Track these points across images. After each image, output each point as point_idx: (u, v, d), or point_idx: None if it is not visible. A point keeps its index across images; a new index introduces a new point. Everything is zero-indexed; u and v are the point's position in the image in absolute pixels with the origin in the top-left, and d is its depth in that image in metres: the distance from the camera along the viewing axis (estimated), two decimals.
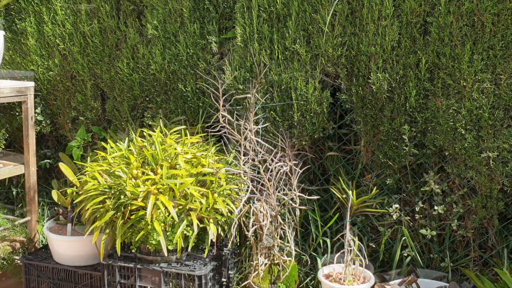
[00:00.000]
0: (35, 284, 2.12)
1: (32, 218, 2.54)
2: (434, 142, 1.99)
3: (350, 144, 2.30)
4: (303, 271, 2.18)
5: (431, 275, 1.99)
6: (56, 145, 2.97)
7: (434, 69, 1.97)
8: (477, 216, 1.99)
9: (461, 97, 1.92)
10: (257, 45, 2.18)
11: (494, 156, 1.89)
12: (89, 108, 2.69)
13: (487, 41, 1.85)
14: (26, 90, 2.47)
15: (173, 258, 1.90)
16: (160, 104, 2.48)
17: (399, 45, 2.00)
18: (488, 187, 1.93)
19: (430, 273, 2.00)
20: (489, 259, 2.05)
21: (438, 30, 1.92)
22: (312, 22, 2.11)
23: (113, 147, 2.08)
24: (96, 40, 2.59)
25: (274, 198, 1.84)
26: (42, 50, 2.76)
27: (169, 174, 1.85)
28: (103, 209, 1.86)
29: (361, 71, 2.07)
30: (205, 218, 1.84)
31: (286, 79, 2.15)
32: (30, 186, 2.50)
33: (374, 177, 2.20)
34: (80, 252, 2.06)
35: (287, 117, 2.18)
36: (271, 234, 1.87)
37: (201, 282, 1.80)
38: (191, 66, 2.37)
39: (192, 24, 2.35)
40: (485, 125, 1.89)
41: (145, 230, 1.77)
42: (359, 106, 2.11)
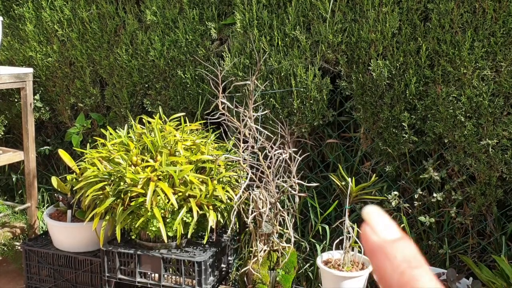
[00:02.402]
0: (35, 270, 2.13)
1: (32, 205, 2.54)
2: (434, 129, 1.99)
3: (349, 132, 2.30)
4: (302, 258, 2.20)
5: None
6: (55, 132, 2.97)
7: (434, 56, 1.96)
8: (476, 204, 2.00)
9: (461, 84, 1.92)
10: (257, 32, 2.17)
11: (493, 144, 1.89)
12: (88, 94, 2.69)
13: (488, 28, 1.84)
14: (25, 77, 2.46)
15: (173, 245, 1.91)
16: (159, 90, 2.48)
17: (400, 32, 1.98)
18: (487, 174, 1.94)
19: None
20: (487, 246, 2.06)
21: (439, 16, 1.91)
22: (312, 8, 2.09)
23: (113, 134, 2.08)
24: (94, 26, 2.58)
25: (274, 185, 1.84)
26: (40, 36, 2.74)
27: (168, 161, 1.85)
28: (102, 195, 1.87)
29: (361, 58, 2.06)
30: (204, 205, 1.85)
31: (286, 66, 2.14)
32: (29, 172, 2.51)
33: (374, 164, 2.21)
34: (80, 239, 2.07)
35: (286, 104, 2.18)
36: (270, 221, 1.88)
37: (201, 268, 1.81)
38: (190, 53, 2.36)
39: (191, 10, 2.33)
40: (485, 113, 1.89)
41: (145, 216, 1.78)
42: (359, 93, 2.10)
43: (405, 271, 0.22)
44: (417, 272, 0.22)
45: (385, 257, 0.22)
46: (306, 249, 2.20)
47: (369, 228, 0.23)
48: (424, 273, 0.22)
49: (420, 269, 0.22)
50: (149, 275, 1.89)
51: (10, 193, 3.08)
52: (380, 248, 0.22)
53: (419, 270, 0.22)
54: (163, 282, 1.86)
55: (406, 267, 0.22)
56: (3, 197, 2.99)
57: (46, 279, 2.12)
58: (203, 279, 1.82)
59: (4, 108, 2.97)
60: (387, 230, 0.23)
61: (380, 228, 0.23)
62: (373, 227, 0.23)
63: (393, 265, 0.22)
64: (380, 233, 0.23)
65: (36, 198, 2.57)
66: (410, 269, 0.22)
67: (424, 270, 0.22)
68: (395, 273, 0.22)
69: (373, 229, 0.23)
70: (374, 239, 0.23)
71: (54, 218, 2.13)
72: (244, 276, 1.91)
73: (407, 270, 0.22)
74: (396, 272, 0.22)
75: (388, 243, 0.22)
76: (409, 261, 0.22)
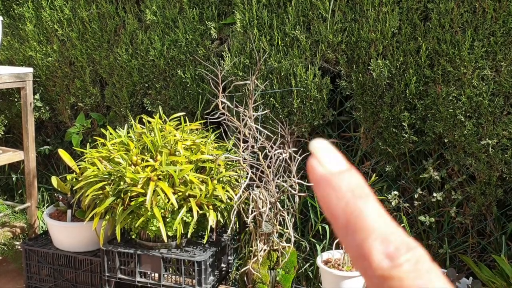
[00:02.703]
0: (35, 269, 2.13)
1: (32, 204, 2.55)
2: (434, 129, 1.99)
3: (349, 131, 2.30)
4: (302, 257, 2.20)
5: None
6: (55, 132, 2.97)
7: (434, 56, 1.96)
8: (476, 203, 2.00)
9: (461, 84, 1.92)
10: (257, 31, 2.17)
11: (493, 144, 1.89)
12: (88, 94, 2.69)
13: (488, 27, 1.84)
14: (25, 76, 2.46)
15: (173, 244, 1.91)
16: (159, 90, 2.48)
17: (400, 32, 1.98)
18: (487, 174, 1.94)
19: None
20: (487, 246, 2.06)
21: (439, 16, 1.91)
22: (312, 8, 2.09)
23: (113, 134, 2.08)
24: (94, 26, 2.58)
25: (274, 185, 1.84)
26: (40, 35, 2.74)
27: (168, 161, 1.85)
28: (102, 195, 1.87)
29: (361, 58, 2.06)
30: (204, 205, 1.85)
31: (286, 65, 2.14)
32: (29, 172, 2.51)
33: (374, 164, 2.21)
34: (80, 238, 2.07)
35: (286, 104, 2.18)
36: (270, 220, 1.88)
37: (201, 267, 1.81)
38: (190, 52, 2.36)
39: (191, 9, 2.33)
40: (485, 112, 1.88)
41: (145, 216, 1.78)
42: (359, 93, 2.10)
43: (349, 201, 0.22)
44: (362, 201, 0.22)
45: (330, 188, 0.22)
46: (306, 249, 2.20)
47: (315, 160, 0.23)
48: (368, 202, 0.22)
49: (364, 199, 0.22)
50: (149, 275, 1.89)
51: (10, 193, 3.08)
52: (325, 179, 0.22)
53: (363, 200, 0.22)
54: (163, 282, 1.86)
55: (350, 197, 0.22)
56: (3, 196, 2.99)
57: (46, 278, 2.12)
58: (203, 278, 1.82)
59: (4, 108, 2.97)
60: (333, 162, 0.23)
61: (326, 160, 0.23)
62: (319, 159, 0.23)
63: (337, 195, 0.22)
64: (326, 164, 0.23)
65: (36, 197, 2.57)
66: (354, 199, 0.22)
67: (369, 200, 0.22)
68: (340, 203, 0.22)
69: (320, 161, 0.23)
70: (319, 171, 0.22)
71: (54, 218, 2.13)
72: (244, 275, 1.91)
73: (352, 200, 0.22)
74: (340, 202, 0.22)
75: (334, 174, 0.22)
76: (354, 190, 0.22)
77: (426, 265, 0.21)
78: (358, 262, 0.21)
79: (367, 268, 0.21)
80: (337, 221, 0.22)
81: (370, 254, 0.21)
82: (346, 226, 0.22)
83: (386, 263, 0.20)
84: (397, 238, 0.21)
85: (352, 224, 0.21)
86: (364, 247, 0.21)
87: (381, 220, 0.21)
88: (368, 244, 0.21)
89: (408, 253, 0.21)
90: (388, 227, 0.21)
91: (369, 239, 0.21)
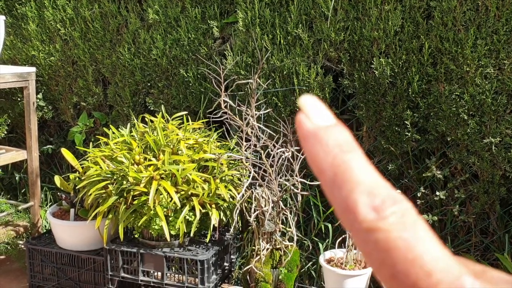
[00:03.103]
0: (39, 268, 2.14)
1: (35, 203, 2.55)
2: (437, 127, 1.99)
3: (352, 130, 2.30)
4: (304, 256, 2.20)
5: None
6: (58, 131, 2.97)
7: (437, 54, 1.96)
8: (479, 202, 2.00)
9: (464, 82, 1.91)
10: (259, 30, 2.17)
11: (496, 142, 1.88)
12: (91, 93, 2.69)
13: (491, 25, 1.83)
14: (28, 76, 2.46)
15: (176, 243, 1.91)
16: (161, 89, 2.48)
17: (402, 30, 1.98)
18: (490, 172, 1.93)
19: None
20: (490, 244, 2.06)
21: (442, 14, 1.90)
22: (314, 7, 2.09)
23: (115, 133, 2.08)
24: (97, 25, 2.58)
25: (276, 184, 1.84)
26: (43, 35, 2.75)
27: (171, 160, 1.85)
28: (105, 194, 1.87)
29: (364, 56, 2.05)
30: (207, 204, 1.85)
31: (288, 64, 2.14)
32: (32, 171, 2.51)
33: (376, 162, 2.20)
34: (83, 237, 2.07)
35: (289, 102, 2.18)
36: (273, 219, 1.88)
37: (204, 266, 1.82)
38: (193, 51, 2.36)
39: (193, 8, 2.33)
40: (488, 111, 1.88)
41: (147, 215, 1.78)
42: (361, 92, 2.10)
43: (336, 155, 0.21)
44: (349, 156, 0.21)
45: (317, 143, 0.22)
46: (309, 248, 2.20)
47: (303, 115, 0.23)
48: (356, 157, 0.22)
49: (352, 153, 0.22)
50: (152, 274, 1.89)
51: (13, 192, 3.09)
52: (313, 134, 0.22)
53: (351, 154, 0.22)
54: (166, 281, 1.86)
55: (337, 151, 0.22)
56: (6, 196, 3.00)
57: (49, 277, 2.12)
58: (206, 277, 1.83)
59: (7, 107, 2.97)
60: (321, 117, 0.23)
61: (314, 115, 0.23)
62: (307, 114, 0.23)
63: (324, 150, 0.22)
64: (314, 119, 0.23)
65: (39, 197, 2.58)
66: (341, 153, 0.22)
67: (356, 154, 0.22)
68: (327, 158, 0.22)
69: (308, 116, 0.23)
70: (307, 125, 0.22)
71: (57, 217, 2.14)
72: (247, 274, 1.91)
73: (339, 154, 0.22)
74: (328, 156, 0.22)
75: (321, 128, 0.22)
76: (341, 145, 0.22)
77: (412, 217, 0.21)
78: (344, 216, 0.21)
79: (353, 221, 0.21)
80: (324, 175, 0.22)
81: (356, 206, 0.21)
82: (332, 180, 0.21)
83: (372, 216, 0.20)
84: (383, 191, 0.21)
85: (339, 178, 0.21)
86: (350, 200, 0.21)
87: (368, 173, 0.21)
88: (354, 197, 0.21)
89: (395, 206, 0.21)
90: (375, 181, 0.21)
91: (355, 192, 0.21)
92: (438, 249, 0.20)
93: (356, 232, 0.21)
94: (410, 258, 0.20)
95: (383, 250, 0.20)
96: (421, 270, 0.20)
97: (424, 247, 0.20)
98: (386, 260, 0.20)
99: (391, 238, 0.20)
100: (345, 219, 0.21)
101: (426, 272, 0.19)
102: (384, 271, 0.20)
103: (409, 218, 0.21)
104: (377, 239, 0.20)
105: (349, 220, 0.21)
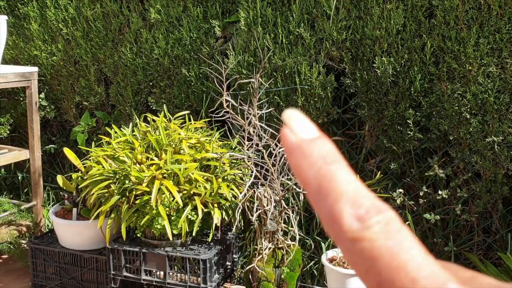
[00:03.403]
0: (41, 267, 2.14)
1: (37, 203, 2.56)
2: (439, 126, 1.99)
3: (354, 129, 2.29)
4: (307, 255, 2.20)
5: None
6: (60, 131, 2.98)
7: (439, 53, 1.95)
8: (481, 201, 1.99)
9: (466, 81, 1.91)
10: (261, 29, 2.17)
11: (499, 141, 1.88)
12: (93, 93, 2.69)
13: (494, 24, 1.83)
14: (30, 75, 2.47)
15: (178, 242, 1.91)
16: (163, 89, 2.48)
17: (404, 29, 1.98)
18: (492, 171, 1.93)
19: None
20: (492, 244, 2.05)
21: (444, 13, 1.90)
22: (316, 6, 2.09)
23: (117, 132, 2.09)
24: (99, 25, 2.58)
25: (278, 183, 1.84)
26: (45, 34, 2.75)
27: (173, 159, 1.85)
28: (108, 194, 1.87)
29: (366, 55, 2.05)
30: (209, 203, 1.85)
31: (290, 63, 2.13)
32: (35, 171, 2.52)
33: (378, 161, 2.20)
34: (86, 237, 2.07)
35: (291, 102, 2.17)
36: (275, 218, 1.88)
37: (206, 265, 1.82)
38: (194, 51, 2.36)
39: (195, 8, 2.33)
40: (490, 110, 1.88)
41: (150, 214, 1.79)
42: (363, 91, 2.10)
43: (321, 167, 0.22)
44: (333, 167, 0.22)
45: (301, 155, 0.22)
46: (311, 247, 2.20)
47: (287, 129, 0.23)
48: (340, 168, 0.22)
49: (336, 164, 0.22)
50: (154, 273, 1.89)
51: (16, 192, 3.10)
52: (297, 146, 0.22)
53: (335, 165, 0.22)
54: (168, 280, 1.87)
55: (321, 163, 0.22)
56: (9, 195, 3.01)
57: (52, 277, 2.13)
58: (208, 276, 1.83)
59: (9, 107, 2.98)
60: (305, 131, 0.23)
61: (298, 128, 0.23)
62: (291, 128, 0.23)
63: (309, 162, 0.22)
64: (298, 133, 0.23)
65: (41, 196, 2.58)
66: (325, 165, 0.22)
67: (341, 165, 0.22)
68: (312, 169, 0.22)
69: (292, 129, 0.23)
70: (291, 139, 0.23)
71: (60, 216, 2.14)
72: (249, 273, 1.91)
73: (323, 165, 0.22)
74: (312, 168, 0.22)
75: (306, 141, 0.23)
76: (325, 157, 0.22)
77: (396, 226, 0.21)
78: (330, 226, 0.21)
79: (338, 231, 0.21)
80: (309, 187, 0.22)
81: (341, 216, 0.21)
82: (317, 191, 0.22)
83: (356, 225, 0.21)
84: (367, 201, 0.21)
85: (324, 189, 0.22)
86: (335, 210, 0.21)
87: (352, 184, 0.22)
88: (338, 207, 0.21)
89: (379, 215, 0.21)
90: (359, 191, 0.22)
91: (340, 202, 0.21)
92: (422, 256, 0.20)
93: (342, 242, 0.21)
94: (395, 265, 0.20)
95: (368, 258, 0.20)
96: (406, 277, 0.20)
97: (408, 255, 0.20)
98: (372, 268, 0.20)
99: (376, 246, 0.20)
100: (331, 229, 0.21)
101: (411, 279, 0.20)
102: (371, 280, 0.20)
103: (393, 227, 0.21)
104: (362, 248, 0.20)
105: (334, 230, 0.21)
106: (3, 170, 3.07)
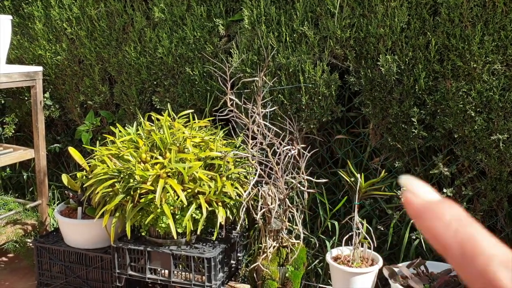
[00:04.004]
0: (47, 266, 2.15)
1: (43, 202, 2.57)
2: (444, 124, 1.98)
3: (358, 127, 2.29)
4: (311, 254, 2.20)
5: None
6: (65, 130, 2.99)
7: (444, 50, 1.95)
8: (486, 199, 1.99)
9: (471, 79, 1.90)
10: (265, 28, 2.16)
11: (504, 139, 1.87)
12: (97, 92, 2.70)
13: (499, 21, 1.82)
14: (35, 75, 2.48)
15: (183, 241, 1.91)
16: (167, 87, 2.48)
17: (409, 27, 1.97)
18: (497, 169, 1.92)
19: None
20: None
21: (448, 10, 1.89)
22: (320, 4, 2.09)
23: (122, 131, 2.09)
24: (103, 24, 2.59)
25: (282, 182, 1.84)
26: (49, 34, 2.76)
27: (177, 158, 1.86)
28: (112, 192, 1.88)
29: (370, 53, 2.05)
30: (213, 202, 1.85)
31: (294, 61, 2.13)
32: (40, 170, 2.53)
33: (383, 160, 2.20)
34: (91, 235, 2.08)
35: (295, 100, 2.17)
36: (280, 217, 1.88)
37: (211, 264, 1.82)
38: (198, 50, 2.36)
39: (199, 6, 2.33)
40: (496, 107, 1.87)
41: (154, 213, 1.79)
42: (367, 89, 2.09)
43: (459, 229, 0.22)
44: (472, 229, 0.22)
45: (434, 217, 0.22)
46: (316, 245, 2.20)
47: (410, 193, 0.23)
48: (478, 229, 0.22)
49: (473, 227, 0.22)
50: (159, 272, 1.90)
51: (21, 191, 3.11)
52: (427, 209, 0.22)
53: (471, 228, 0.22)
54: (173, 278, 1.87)
55: (458, 226, 0.22)
56: (14, 194, 3.02)
57: (58, 275, 2.14)
58: (213, 275, 1.83)
59: (14, 107, 2.99)
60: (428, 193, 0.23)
61: (421, 191, 0.23)
62: (414, 191, 0.23)
63: (444, 223, 0.22)
64: (423, 195, 0.23)
65: (47, 195, 2.59)
66: (463, 227, 0.22)
67: (478, 227, 0.22)
68: (449, 231, 0.22)
69: (415, 193, 0.23)
70: (418, 202, 0.23)
71: (65, 215, 2.15)
72: (254, 272, 1.91)
73: (460, 228, 0.22)
74: (449, 230, 0.22)
75: (433, 203, 0.23)
76: (459, 219, 0.22)
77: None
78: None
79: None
80: (450, 251, 0.22)
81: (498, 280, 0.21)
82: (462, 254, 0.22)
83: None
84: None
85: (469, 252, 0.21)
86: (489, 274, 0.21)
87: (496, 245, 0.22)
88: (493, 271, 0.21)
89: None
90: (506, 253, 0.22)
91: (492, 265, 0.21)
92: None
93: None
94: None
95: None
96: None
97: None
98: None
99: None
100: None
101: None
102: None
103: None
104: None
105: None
106: (8, 169, 3.08)
